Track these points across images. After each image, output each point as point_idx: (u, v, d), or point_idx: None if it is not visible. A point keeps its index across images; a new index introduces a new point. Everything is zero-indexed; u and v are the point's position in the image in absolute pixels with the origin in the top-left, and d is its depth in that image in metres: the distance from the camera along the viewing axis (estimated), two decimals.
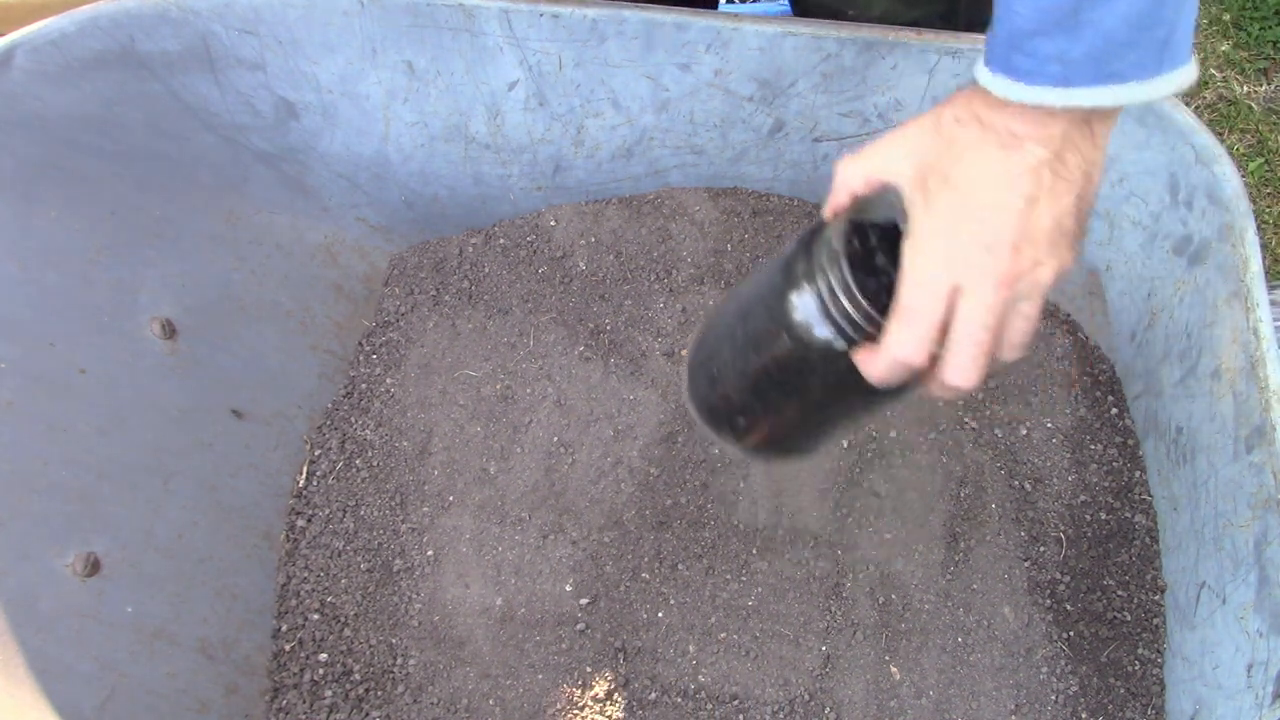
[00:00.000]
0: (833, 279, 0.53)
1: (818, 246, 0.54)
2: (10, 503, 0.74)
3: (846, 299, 0.53)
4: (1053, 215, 0.50)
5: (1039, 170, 0.49)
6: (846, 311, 0.53)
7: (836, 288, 0.53)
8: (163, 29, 0.87)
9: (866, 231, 0.55)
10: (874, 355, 0.53)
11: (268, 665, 0.86)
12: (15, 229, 0.81)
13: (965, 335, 0.52)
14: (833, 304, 0.53)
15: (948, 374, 0.53)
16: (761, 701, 0.81)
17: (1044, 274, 0.51)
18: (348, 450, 0.96)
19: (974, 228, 0.50)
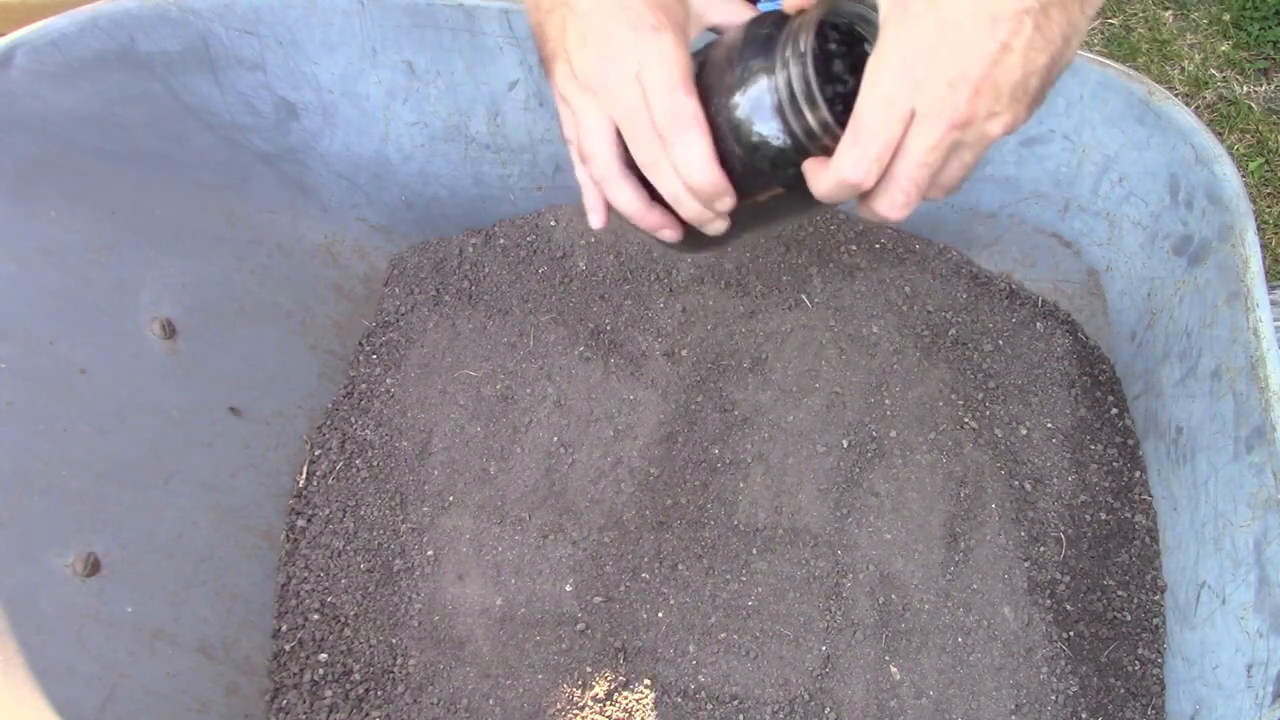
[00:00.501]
0: (795, 81, 0.51)
1: (782, 41, 0.52)
2: (10, 503, 0.74)
3: (808, 107, 0.51)
4: (1023, 69, 0.49)
5: (1021, 18, 0.48)
6: (806, 120, 0.51)
7: (799, 92, 0.51)
8: (163, 29, 0.87)
9: (829, 34, 0.53)
10: (823, 170, 0.52)
11: (268, 665, 0.86)
12: (15, 229, 0.81)
13: (906, 168, 0.51)
14: (791, 109, 0.51)
15: (880, 203, 0.52)
16: (761, 701, 0.81)
17: (994, 126, 0.51)
18: (348, 450, 0.96)
19: (944, 57, 0.48)
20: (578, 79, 0.55)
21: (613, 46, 0.54)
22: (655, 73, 0.53)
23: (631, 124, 0.54)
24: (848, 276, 1.02)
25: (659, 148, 0.54)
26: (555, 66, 0.57)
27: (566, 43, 0.55)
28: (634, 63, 0.54)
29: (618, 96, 0.54)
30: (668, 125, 0.53)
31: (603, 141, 0.56)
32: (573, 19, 0.55)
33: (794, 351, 0.98)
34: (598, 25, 0.55)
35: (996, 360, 0.98)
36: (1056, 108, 0.92)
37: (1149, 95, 0.86)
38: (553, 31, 0.56)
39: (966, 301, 1.01)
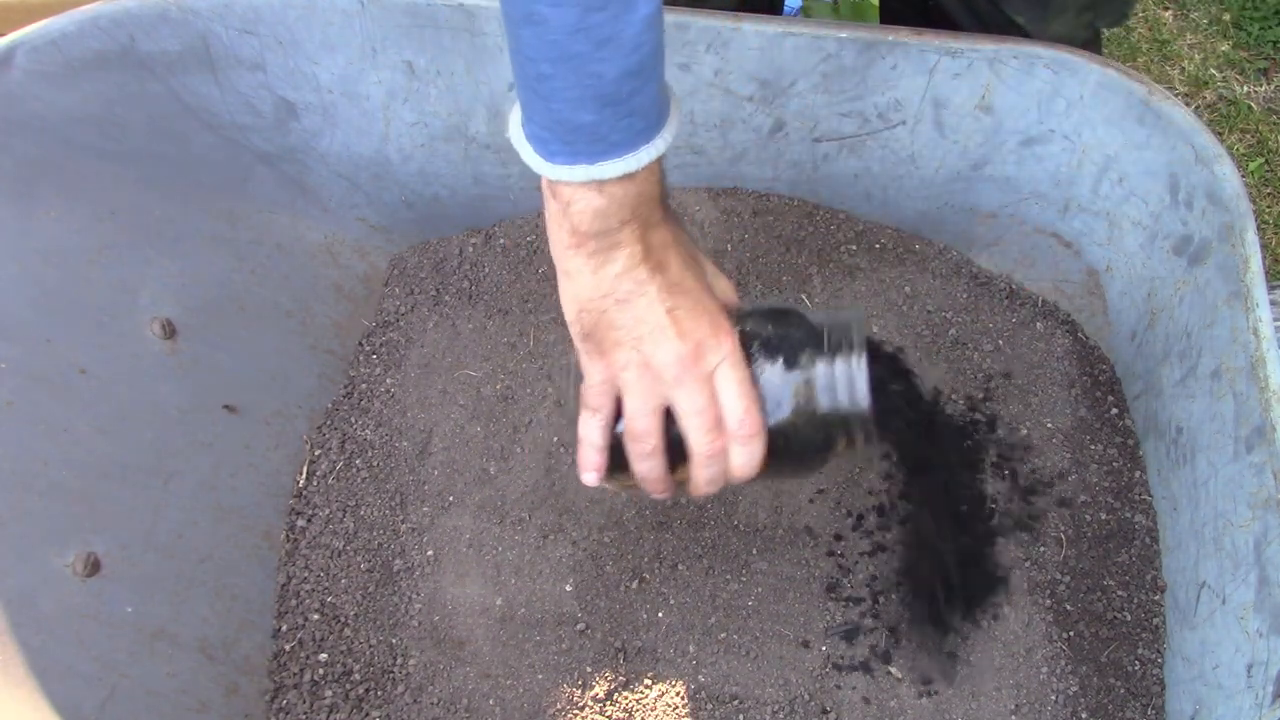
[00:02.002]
0: (850, 392, 0.62)
1: (828, 347, 0.63)
2: (10, 503, 0.74)
3: (857, 412, 0.62)
4: None
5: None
6: (853, 422, 0.63)
7: (853, 401, 0.62)
8: (163, 29, 0.87)
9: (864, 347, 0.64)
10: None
11: (268, 665, 0.86)
12: (15, 229, 0.81)
13: None
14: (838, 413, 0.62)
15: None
16: (761, 701, 0.81)
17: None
18: (348, 450, 0.96)
19: None
20: (650, 366, 0.59)
21: (696, 343, 0.59)
22: (731, 375, 0.59)
23: (701, 420, 0.59)
24: (848, 276, 1.02)
25: (721, 444, 0.60)
26: (615, 353, 0.59)
27: (640, 331, 0.58)
28: (712, 363, 0.59)
29: (693, 393, 0.59)
30: (739, 429, 0.59)
31: (656, 423, 0.61)
32: (651, 307, 0.58)
33: None
34: (686, 319, 0.59)
35: (996, 360, 0.98)
36: (1056, 108, 0.92)
37: (1149, 95, 0.86)
38: (623, 319, 0.58)
39: (966, 301, 1.01)
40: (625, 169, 0.54)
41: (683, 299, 0.59)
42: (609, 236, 0.56)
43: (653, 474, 0.62)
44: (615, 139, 0.53)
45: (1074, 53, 0.88)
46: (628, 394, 0.60)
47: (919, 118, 0.96)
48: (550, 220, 0.58)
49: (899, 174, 1.01)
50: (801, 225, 1.04)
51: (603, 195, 0.55)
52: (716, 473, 0.61)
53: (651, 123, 0.55)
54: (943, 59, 0.90)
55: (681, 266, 0.60)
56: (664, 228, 0.59)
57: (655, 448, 0.61)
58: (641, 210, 0.57)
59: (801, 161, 1.02)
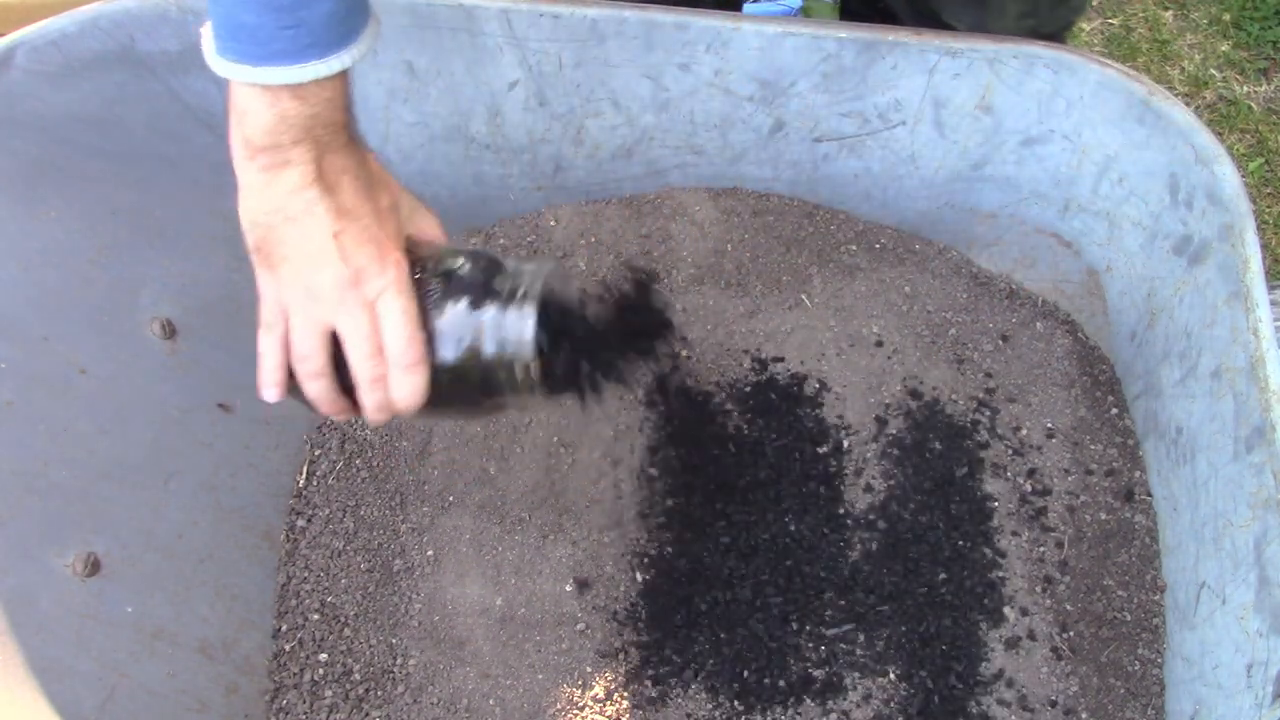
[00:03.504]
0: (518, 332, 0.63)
1: (504, 294, 0.64)
2: (10, 503, 0.74)
3: (525, 356, 0.63)
4: None
5: None
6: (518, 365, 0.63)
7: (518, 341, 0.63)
8: (163, 29, 0.87)
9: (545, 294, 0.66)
10: None
11: (268, 665, 0.86)
12: (15, 229, 0.81)
13: None
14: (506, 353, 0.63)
15: None
16: (764, 697, 0.81)
17: None
18: (348, 450, 0.96)
19: None
20: (308, 287, 0.60)
21: (357, 268, 0.59)
22: (393, 304, 0.60)
23: (360, 344, 0.60)
24: (848, 276, 1.02)
25: (382, 370, 0.60)
26: (281, 268, 0.60)
27: (305, 250, 0.59)
28: (375, 290, 0.59)
29: (354, 318, 0.60)
30: (400, 358, 0.60)
31: (320, 344, 0.61)
32: (317, 229, 0.59)
33: (794, 351, 0.98)
34: (350, 244, 0.59)
35: (996, 360, 0.98)
36: (1056, 108, 0.92)
37: (1149, 95, 0.86)
38: (289, 237, 0.59)
39: (966, 301, 1.01)
40: (287, 79, 0.55)
41: (351, 224, 0.59)
42: (281, 152, 0.57)
43: (321, 395, 0.62)
44: (279, 47, 0.54)
45: (1074, 53, 0.88)
46: (292, 313, 0.60)
47: (919, 118, 0.96)
48: (231, 129, 0.59)
49: (899, 174, 1.01)
50: (801, 225, 1.04)
51: (274, 109, 0.56)
52: (380, 400, 0.61)
53: (322, 41, 0.55)
54: (943, 59, 0.90)
55: (356, 193, 0.60)
56: (343, 154, 0.60)
57: (320, 369, 0.61)
58: (317, 131, 0.58)
59: (801, 161, 1.02)
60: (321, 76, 0.56)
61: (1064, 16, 1.01)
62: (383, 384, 0.61)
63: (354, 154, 0.61)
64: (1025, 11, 0.98)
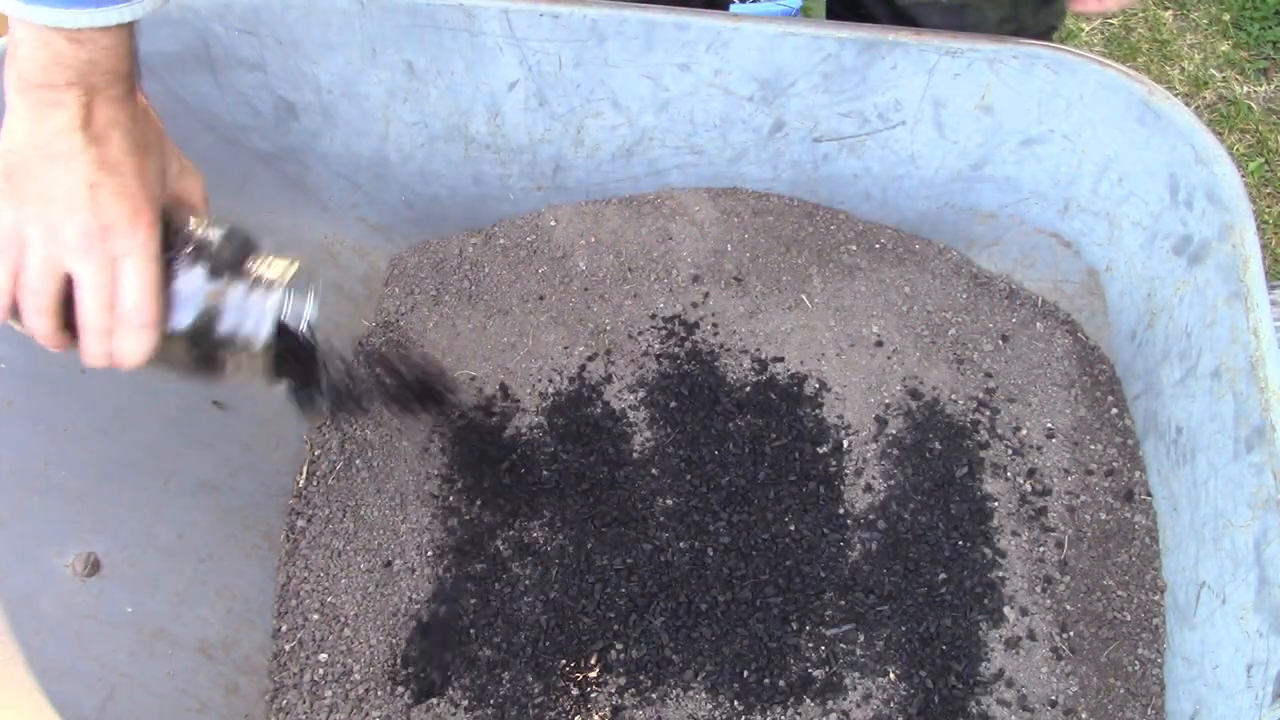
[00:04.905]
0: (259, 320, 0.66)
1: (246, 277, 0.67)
2: (10, 503, 0.74)
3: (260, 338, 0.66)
4: None
5: None
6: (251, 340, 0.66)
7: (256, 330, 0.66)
8: (163, 29, 0.87)
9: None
10: None
11: (268, 665, 0.86)
12: None
13: None
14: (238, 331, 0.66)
15: None
16: (764, 697, 0.81)
17: None
18: (348, 450, 0.96)
19: None
20: (52, 228, 0.59)
21: (106, 223, 0.59)
22: (137, 264, 0.60)
23: (94, 296, 0.60)
24: (848, 276, 1.02)
25: (110, 324, 0.61)
26: (28, 203, 0.59)
27: (57, 193, 0.59)
28: (121, 248, 0.60)
29: (93, 269, 0.60)
30: (132, 317, 0.60)
31: (51, 284, 0.60)
32: (74, 174, 0.59)
33: (794, 351, 0.98)
34: (106, 198, 0.59)
35: (996, 360, 0.98)
36: (1056, 108, 0.92)
37: (1149, 95, 0.86)
38: (44, 174, 0.59)
39: (966, 301, 1.01)
40: (56, 20, 0.55)
41: (111, 178, 0.59)
42: (52, 91, 0.57)
43: (40, 330, 0.62)
44: None
45: (1074, 53, 0.88)
46: (29, 248, 0.60)
47: (919, 118, 0.96)
48: (6, 58, 0.59)
49: (899, 174, 1.01)
50: (801, 225, 1.04)
51: (47, 48, 0.56)
52: (102, 350, 0.62)
53: None
54: (943, 59, 0.90)
55: (125, 149, 0.60)
56: (118, 106, 0.60)
57: (46, 306, 0.61)
58: (93, 78, 0.57)
59: (801, 161, 1.02)
60: (96, 25, 0.56)
61: (1045, 20, 1.01)
62: (109, 336, 0.61)
63: (129, 107, 0.61)
64: (1005, 17, 0.98)
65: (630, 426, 0.94)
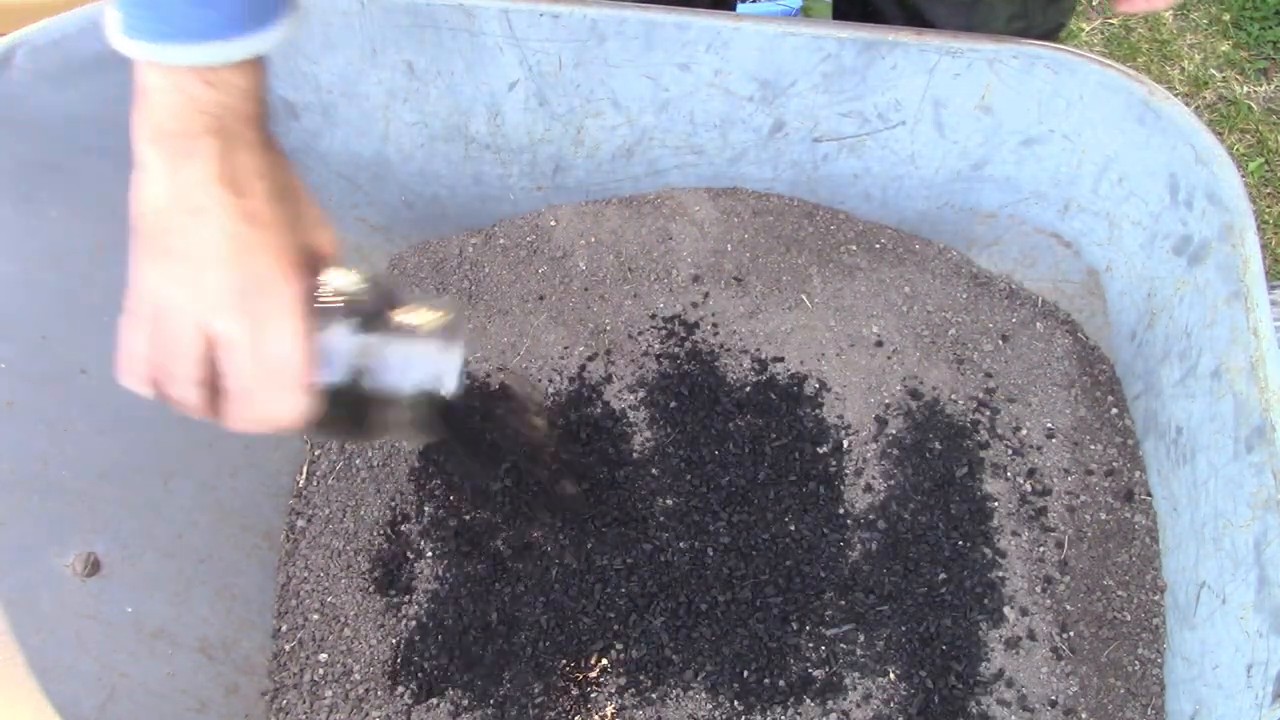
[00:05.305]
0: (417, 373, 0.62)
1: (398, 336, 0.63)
2: (10, 503, 0.74)
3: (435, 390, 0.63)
4: None
5: None
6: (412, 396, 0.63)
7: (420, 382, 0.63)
8: None
9: None
10: None
11: (268, 665, 0.86)
12: (15, 229, 0.81)
13: None
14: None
15: None
16: (764, 697, 0.81)
17: None
18: (348, 450, 0.96)
19: None
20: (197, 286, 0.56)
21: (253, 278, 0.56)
22: (285, 321, 0.57)
23: (241, 356, 0.56)
24: (848, 276, 1.02)
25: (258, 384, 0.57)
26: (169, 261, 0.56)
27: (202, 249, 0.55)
28: (267, 303, 0.56)
29: (239, 327, 0.56)
30: (282, 376, 0.57)
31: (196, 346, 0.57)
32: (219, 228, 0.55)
33: (794, 351, 0.98)
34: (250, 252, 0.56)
35: (996, 360, 0.98)
36: (1056, 108, 0.92)
37: (1149, 95, 0.86)
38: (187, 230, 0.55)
39: (966, 301, 1.01)
40: (191, 59, 0.52)
41: (256, 231, 0.56)
42: (188, 140, 0.54)
43: (189, 399, 0.59)
44: (186, 26, 0.52)
45: (1074, 53, 0.88)
46: (169, 309, 0.57)
47: (919, 118, 0.96)
48: (136, 111, 0.55)
49: (899, 174, 1.01)
50: (801, 225, 1.04)
51: (181, 93, 0.53)
52: (249, 413, 0.58)
53: (235, 22, 0.53)
54: (943, 59, 0.90)
55: (266, 198, 0.57)
56: (256, 153, 0.57)
57: (190, 372, 0.57)
58: (227, 123, 0.55)
59: (801, 161, 1.02)
60: (231, 60, 0.53)
61: (1054, 18, 1.01)
62: (255, 398, 0.58)
63: (268, 155, 0.59)
64: (1015, 14, 0.98)
65: (630, 426, 0.94)
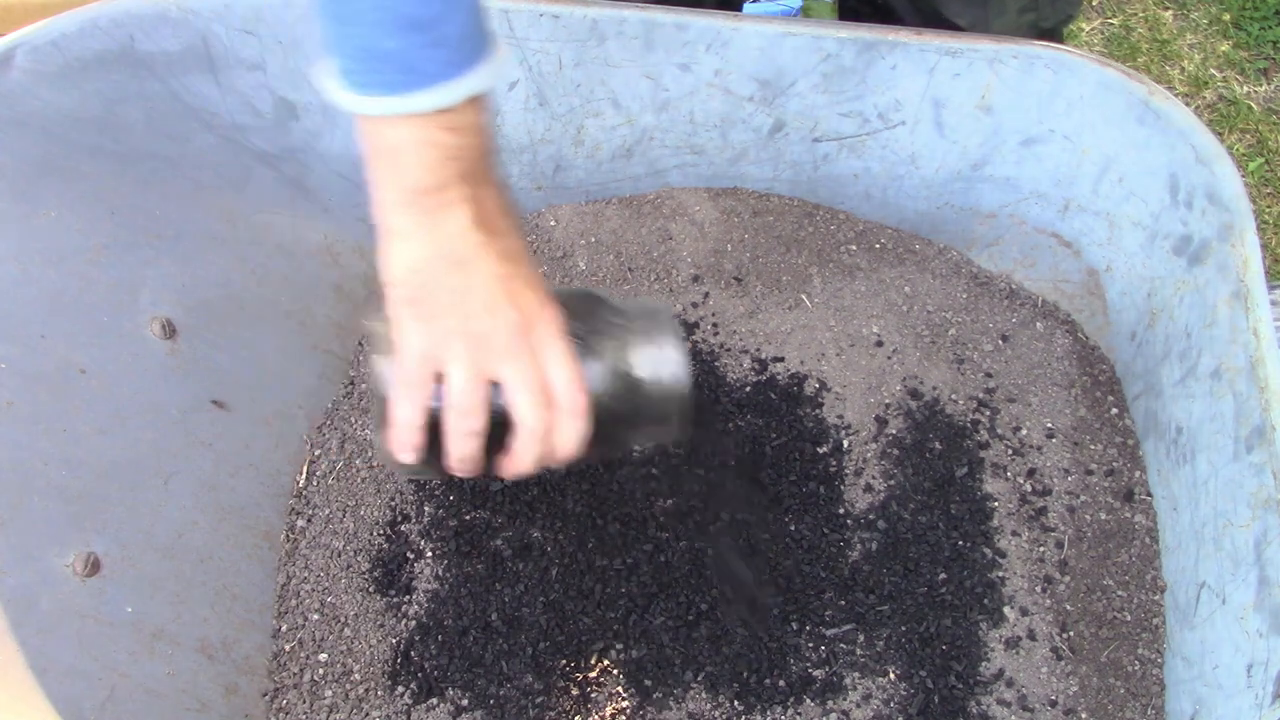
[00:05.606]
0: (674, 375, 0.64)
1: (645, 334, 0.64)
2: (10, 503, 0.74)
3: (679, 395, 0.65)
4: None
5: None
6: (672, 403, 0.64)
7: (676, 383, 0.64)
8: (163, 29, 0.87)
9: None
10: None
11: (268, 665, 0.86)
12: (15, 229, 0.81)
13: None
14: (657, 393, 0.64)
15: None
16: (764, 697, 0.81)
17: None
18: (347, 450, 0.96)
19: None
20: (477, 337, 0.55)
21: (525, 314, 0.56)
22: (558, 348, 0.56)
23: (531, 394, 0.56)
24: (848, 276, 1.02)
25: (550, 421, 0.57)
26: (443, 318, 0.55)
27: (471, 298, 0.55)
28: (540, 336, 0.56)
29: (523, 366, 0.56)
30: (569, 404, 0.57)
31: (483, 399, 0.57)
32: (485, 274, 0.55)
33: (794, 351, 0.98)
34: (516, 289, 0.56)
35: (996, 360, 0.98)
36: (1056, 108, 0.92)
37: (1149, 95, 0.86)
38: (454, 283, 0.55)
39: (966, 301, 1.01)
40: (437, 102, 0.52)
41: (516, 268, 0.56)
42: (442, 193, 0.54)
43: (473, 454, 0.58)
44: (425, 69, 0.51)
45: (1074, 53, 0.88)
46: (454, 365, 0.56)
47: (919, 118, 0.96)
48: (378, 176, 0.55)
49: (899, 174, 1.01)
50: (801, 225, 1.04)
51: (431, 145, 0.53)
52: (542, 452, 0.58)
53: (463, 57, 0.52)
54: (943, 59, 0.90)
55: (513, 233, 0.57)
56: (494, 190, 0.57)
57: (481, 426, 0.57)
58: (472, 165, 0.54)
59: (801, 161, 1.02)
60: (474, 93, 0.53)
61: (1063, 10, 1.01)
62: (549, 435, 0.57)
63: (503, 190, 0.58)
64: (1026, 6, 0.98)
65: None
